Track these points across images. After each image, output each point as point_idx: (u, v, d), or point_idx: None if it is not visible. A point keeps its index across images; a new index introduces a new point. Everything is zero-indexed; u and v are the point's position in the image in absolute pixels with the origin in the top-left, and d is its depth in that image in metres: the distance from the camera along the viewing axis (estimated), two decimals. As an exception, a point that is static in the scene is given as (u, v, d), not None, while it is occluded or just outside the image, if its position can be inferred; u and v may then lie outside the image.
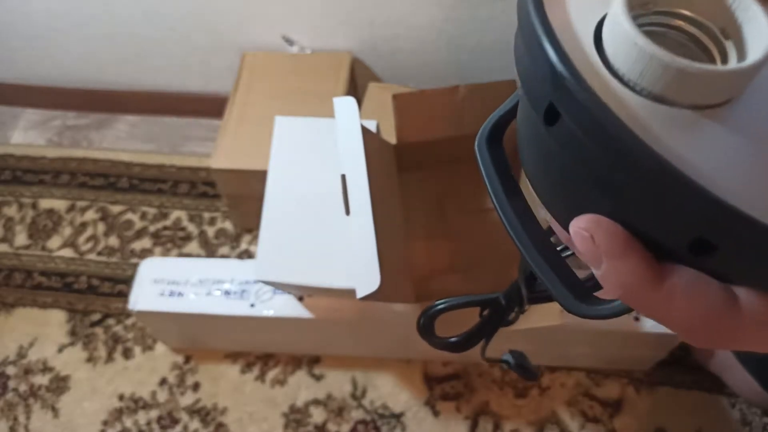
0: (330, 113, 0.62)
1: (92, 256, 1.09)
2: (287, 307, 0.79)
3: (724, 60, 0.19)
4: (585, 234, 0.19)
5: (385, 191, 0.58)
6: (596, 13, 0.19)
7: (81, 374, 0.98)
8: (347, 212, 0.57)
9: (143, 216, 1.13)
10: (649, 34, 0.17)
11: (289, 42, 1.06)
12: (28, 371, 0.98)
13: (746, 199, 0.15)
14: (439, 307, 0.42)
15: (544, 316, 0.67)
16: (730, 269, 0.18)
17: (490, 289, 0.40)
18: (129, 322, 1.01)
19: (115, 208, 1.14)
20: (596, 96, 0.16)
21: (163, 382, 0.96)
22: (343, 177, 0.57)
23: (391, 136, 0.74)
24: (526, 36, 0.19)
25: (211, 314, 0.81)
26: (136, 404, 0.95)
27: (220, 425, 0.92)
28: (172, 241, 1.09)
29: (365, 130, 0.59)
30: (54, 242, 1.11)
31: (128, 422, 0.93)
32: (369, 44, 1.03)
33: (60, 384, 0.97)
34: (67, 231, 1.12)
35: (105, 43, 1.14)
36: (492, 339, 0.46)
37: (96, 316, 1.03)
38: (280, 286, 0.76)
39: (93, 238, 1.11)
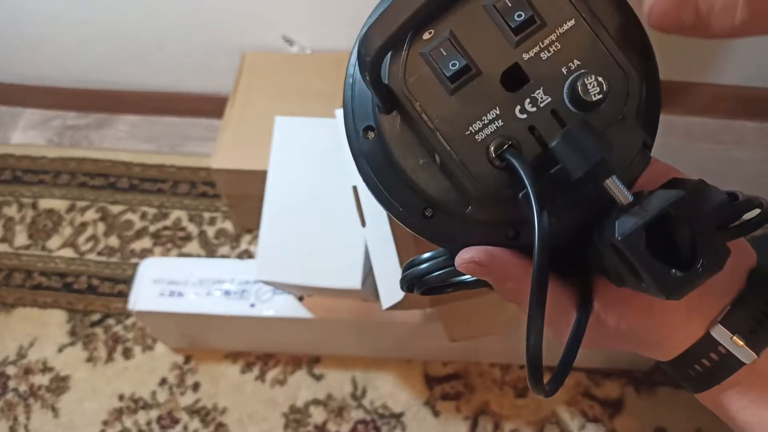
0: (330, 113, 0.62)
1: (92, 256, 1.09)
2: (287, 307, 0.79)
3: None
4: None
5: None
6: None
7: (81, 374, 0.98)
8: (363, 224, 0.57)
9: (143, 216, 1.13)
10: None
11: (289, 42, 1.06)
12: (28, 371, 0.98)
13: None
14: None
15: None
16: None
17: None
18: (129, 322, 1.01)
19: (115, 208, 1.14)
20: None
21: (163, 382, 0.96)
22: (355, 189, 0.57)
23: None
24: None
25: (211, 314, 0.81)
26: (136, 404, 0.95)
27: (220, 425, 0.92)
28: (172, 241, 1.10)
29: None
30: (54, 242, 1.11)
31: (128, 422, 0.93)
32: (369, 44, 1.03)
33: (60, 384, 0.97)
34: (67, 231, 1.12)
35: (105, 43, 1.14)
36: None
37: (96, 316, 1.03)
38: (280, 286, 0.76)
39: (93, 238, 1.11)
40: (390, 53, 0.23)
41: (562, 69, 0.23)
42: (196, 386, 0.95)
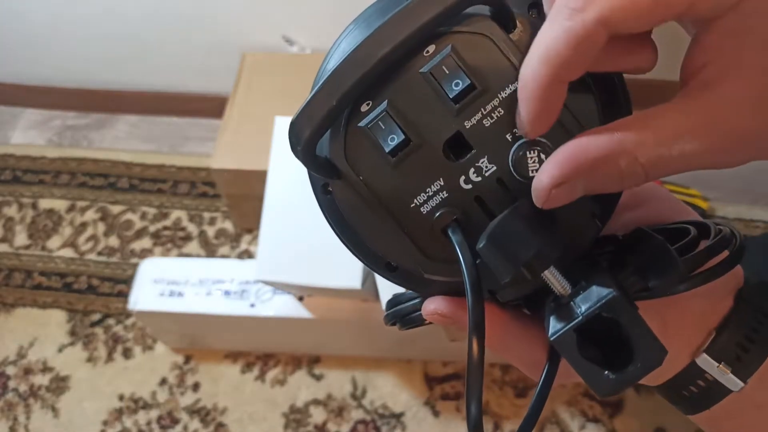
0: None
1: (92, 256, 1.09)
2: (287, 307, 0.79)
3: None
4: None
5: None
6: None
7: (81, 374, 0.98)
8: None
9: (143, 216, 1.13)
10: None
11: (289, 42, 1.06)
12: (28, 371, 0.98)
13: None
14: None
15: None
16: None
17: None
18: (129, 322, 1.02)
19: (115, 208, 1.14)
20: None
21: (163, 382, 0.96)
22: None
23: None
24: None
25: (211, 314, 0.81)
26: (136, 404, 0.95)
27: (220, 425, 0.92)
28: (172, 241, 1.10)
29: None
30: (54, 242, 1.11)
31: (128, 422, 0.93)
32: (369, 44, 1.03)
33: (60, 384, 0.97)
34: (67, 231, 1.12)
35: (105, 43, 1.14)
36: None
37: (96, 316, 1.03)
38: (280, 286, 0.76)
39: (93, 238, 1.11)
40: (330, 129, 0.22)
41: (507, 136, 0.22)
42: (196, 386, 0.95)
